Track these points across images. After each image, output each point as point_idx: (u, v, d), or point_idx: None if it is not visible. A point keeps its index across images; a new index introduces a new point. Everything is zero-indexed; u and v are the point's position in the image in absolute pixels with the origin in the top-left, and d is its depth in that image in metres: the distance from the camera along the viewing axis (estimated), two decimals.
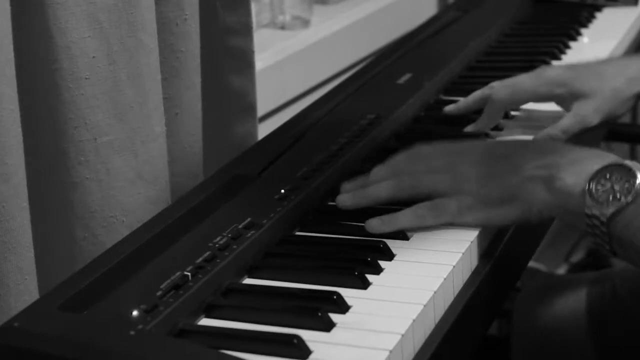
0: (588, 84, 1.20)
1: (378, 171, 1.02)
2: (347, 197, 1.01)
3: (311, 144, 1.15)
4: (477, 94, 1.23)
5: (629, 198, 0.87)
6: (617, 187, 0.88)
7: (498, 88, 1.21)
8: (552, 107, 1.24)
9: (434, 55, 1.49)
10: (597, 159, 0.91)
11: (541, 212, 0.94)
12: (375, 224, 0.97)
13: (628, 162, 0.90)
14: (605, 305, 1.21)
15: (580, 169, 0.91)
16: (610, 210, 0.88)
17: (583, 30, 1.62)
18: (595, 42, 1.57)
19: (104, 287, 0.84)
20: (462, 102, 1.25)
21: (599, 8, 1.74)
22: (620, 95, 1.21)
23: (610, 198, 0.88)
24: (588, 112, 1.19)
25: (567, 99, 1.21)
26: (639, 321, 1.18)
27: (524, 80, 1.21)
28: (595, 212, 0.88)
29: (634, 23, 1.67)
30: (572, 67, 1.24)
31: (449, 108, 1.26)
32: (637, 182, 0.88)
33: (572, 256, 2.27)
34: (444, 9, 1.86)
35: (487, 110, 1.21)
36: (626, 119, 2.49)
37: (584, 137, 1.20)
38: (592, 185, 0.89)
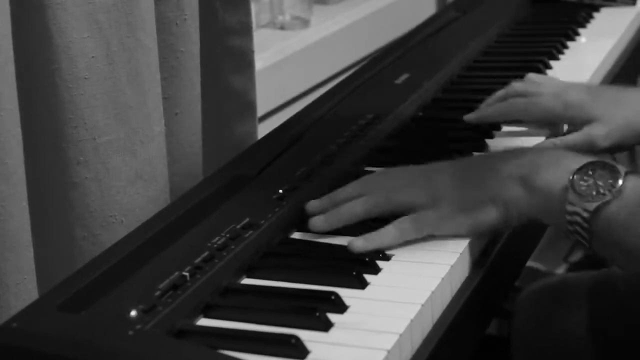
0: (602, 109, 1.18)
1: (347, 189, 0.99)
2: (320, 220, 0.97)
3: (310, 144, 1.15)
4: (498, 96, 1.23)
5: (614, 193, 0.87)
6: (600, 183, 0.88)
7: (517, 90, 1.22)
8: None
9: (433, 55, 1.49)
10: (577, 158, 0.91)
11: (521, 213, 0.93)
12: (359, 244, 0.93)
13: (610, 161, 0.89)
14: (605, 305, 1.21)
15: (561, 166, 0.91)
16: (593, 205, 0.87)
17: (581, 30, 1.62)
18: (593, 42, 1.57)
19: (103, 287, 0.84)
20: (484, 112, 1.23)
21: (596, 8, 1.74)
22: (633, 127, 1.19)
23: (594, 193, 0.88)
24: (598, 136, 1.17)
25: (579, 121, 1.20)
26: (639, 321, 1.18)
27: (543, 99, 1.20)
28: (577, 207, 0.88)
29: (632, 23, 1.67)
30: (592, 90, 1.23)
31: (469, 117, 1.24)
32: (621, 178, 0.88)
33: (571, 256, 2.26)
34: (443, 9, 1.86)
35: (500, 107, 1.21)
36: None
37: None
38: (575, 180, 0.89)
